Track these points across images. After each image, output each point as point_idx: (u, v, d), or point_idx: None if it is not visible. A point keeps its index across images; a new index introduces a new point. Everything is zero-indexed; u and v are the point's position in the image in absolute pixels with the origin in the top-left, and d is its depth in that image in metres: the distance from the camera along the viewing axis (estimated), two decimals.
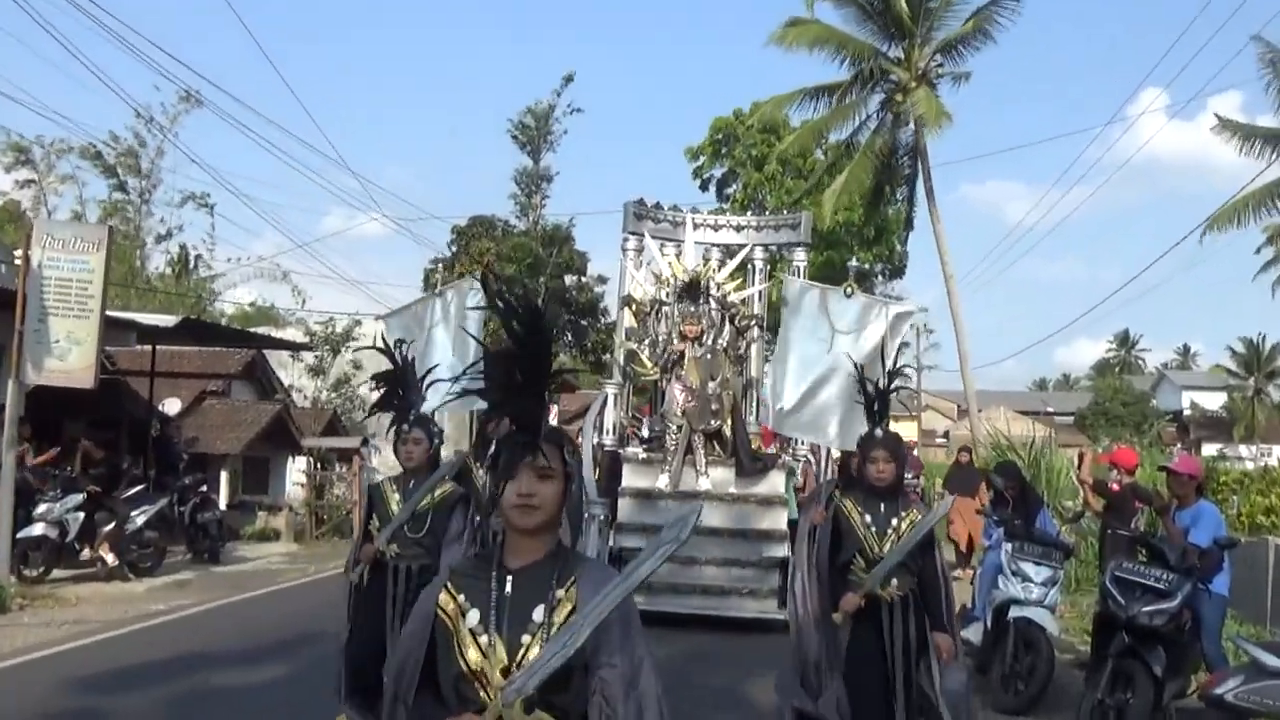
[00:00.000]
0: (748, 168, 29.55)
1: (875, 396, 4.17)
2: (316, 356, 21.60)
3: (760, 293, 9.06)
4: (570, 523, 3.64)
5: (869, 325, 6.77)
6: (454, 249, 28.57)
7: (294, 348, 19.40)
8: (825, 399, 6.46)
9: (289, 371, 21.56)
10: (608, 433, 8.58)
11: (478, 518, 4.23)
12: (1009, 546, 6.34)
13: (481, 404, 1.83)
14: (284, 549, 14.71)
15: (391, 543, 4.21)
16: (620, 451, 8.46)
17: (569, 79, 32.15)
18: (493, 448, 1.84)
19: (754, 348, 8.74)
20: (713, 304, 8.37)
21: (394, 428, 4.38)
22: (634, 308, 8.54)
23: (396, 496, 4.33)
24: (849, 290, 6.95)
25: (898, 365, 4.57)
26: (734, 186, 30.61)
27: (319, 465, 16.71)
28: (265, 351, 18.81)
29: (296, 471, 17.29)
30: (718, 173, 31.35)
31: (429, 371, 4.57)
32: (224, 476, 16.45)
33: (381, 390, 4.39)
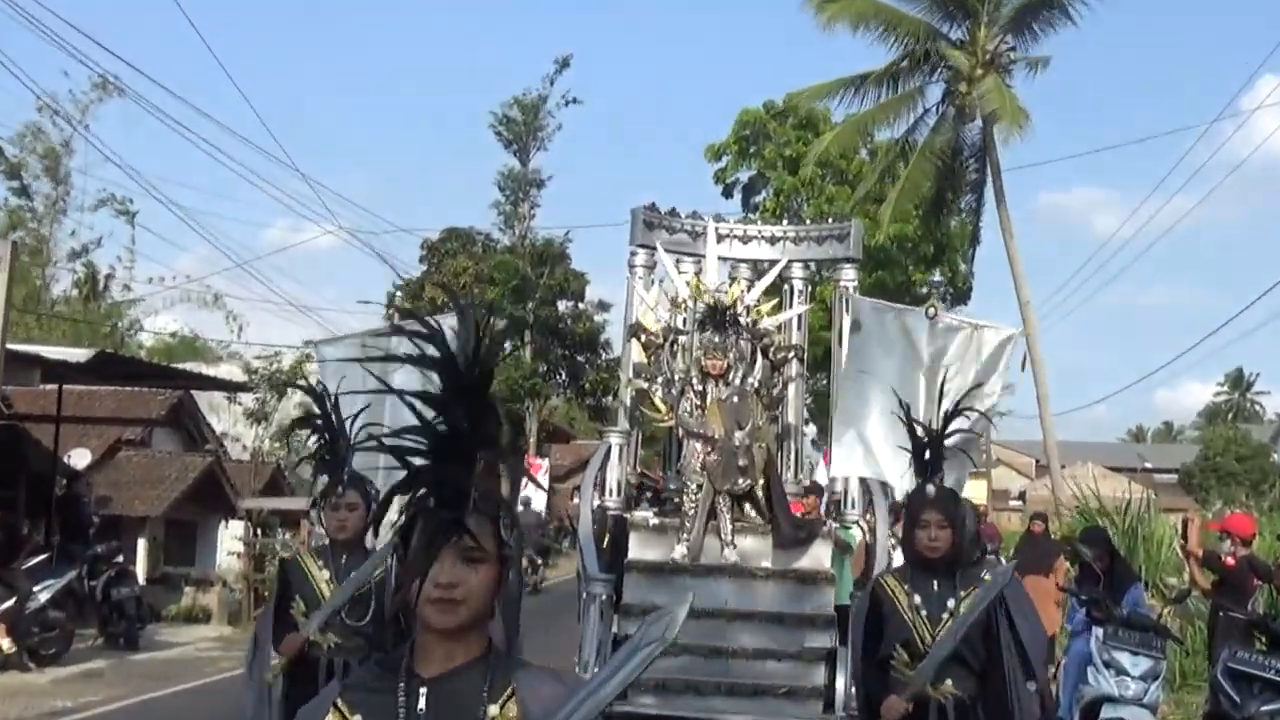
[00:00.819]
0: (780, 170, 29.65)
1: (926, 441, 4.10)
2: (256, 399, 21.69)
3: (799, 318, 9.05)
4: (505, 622, 3.56)
5: (963, 354, 6.83)
6: (424, 268, 28.84)
7: (229, 388, 19.43)
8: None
9: (223, 417, 21.69)
10: (611, 493, 8.53)
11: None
12: (1099, 632, 6.34)
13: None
14: (215, 632, 14.67)
15: (326, 631, 4.11)
16: (627, 516, 8.41)
17: (564, 63, 30.91)
18: (400, 518, 1.75)
19: (792, 387, 8.77)
20: (741, 333, 8.37)
21: (323, 492, 4.31)
22: (644, 338, 8.49)
23: (325, 574, 4.31)
24: (932, 311, 7.00)
25: (979, 403, 4.45)
26: (763, 193, 30.71)
27: (258, 531, 16.68)
28: (194, 393, 18.81)
29: (231, 539, 17.22)
30: (744, 176, 31.46)
31: (356, 416, 4.40)
32: (143, 544, 16.43)
33: (313, 441, 4.30)
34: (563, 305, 30.90)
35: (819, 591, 8.02)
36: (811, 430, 9.99)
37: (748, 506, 8.15)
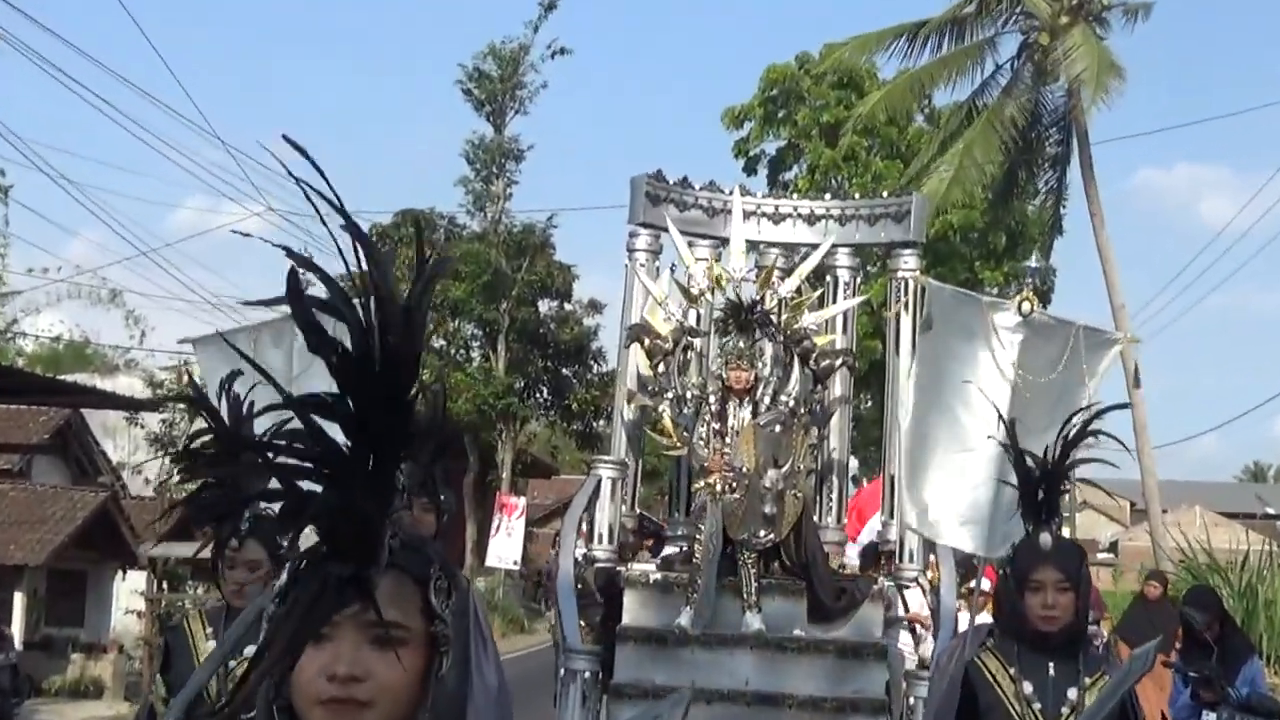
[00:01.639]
0: (815, 141, 29.62)
1: (1041, 477, 4.02)
2: (163, 420, 21.55)
3: (845, 317, 9.06)
4: None
5: (1064, 362, 6.83)
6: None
7: (128, 406, 19.33)
8: (981, 481, 6.49)
9: (120, 441, 21.59)
10: (600, 539, 8.52)
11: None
12: (1210, 719, 6.33)
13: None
14: (110, 711, 14.74)
15: None
16: (620, 570, 8.40)
17: (550, 4, 30.48)
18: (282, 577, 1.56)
19: (840, 412, 8.73)
20: (773, 335, 8.40)
21: (214, 544, 4.15)
22: (648, 343, 8.45)
23: (209, 645, 4.31)
24: (1025, 305, 6.94)
25: (1086, 426, 4.31)
26: (794, 169, 30.67)
27: (164, 585, 16.63)
28: (84, 412, 18.77)
29: (130, 593, 17.16)
30: (771, 148, 31.45)
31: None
32: (20, 600, 16.42)
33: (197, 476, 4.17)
34: (545, 306, 30.93)
35: (867, 669, 8.02)
36: (853, 465, 10.07)
37: (775, 563, 8.18)
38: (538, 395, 31.43)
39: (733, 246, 8.74)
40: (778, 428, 7.99)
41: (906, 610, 9.81)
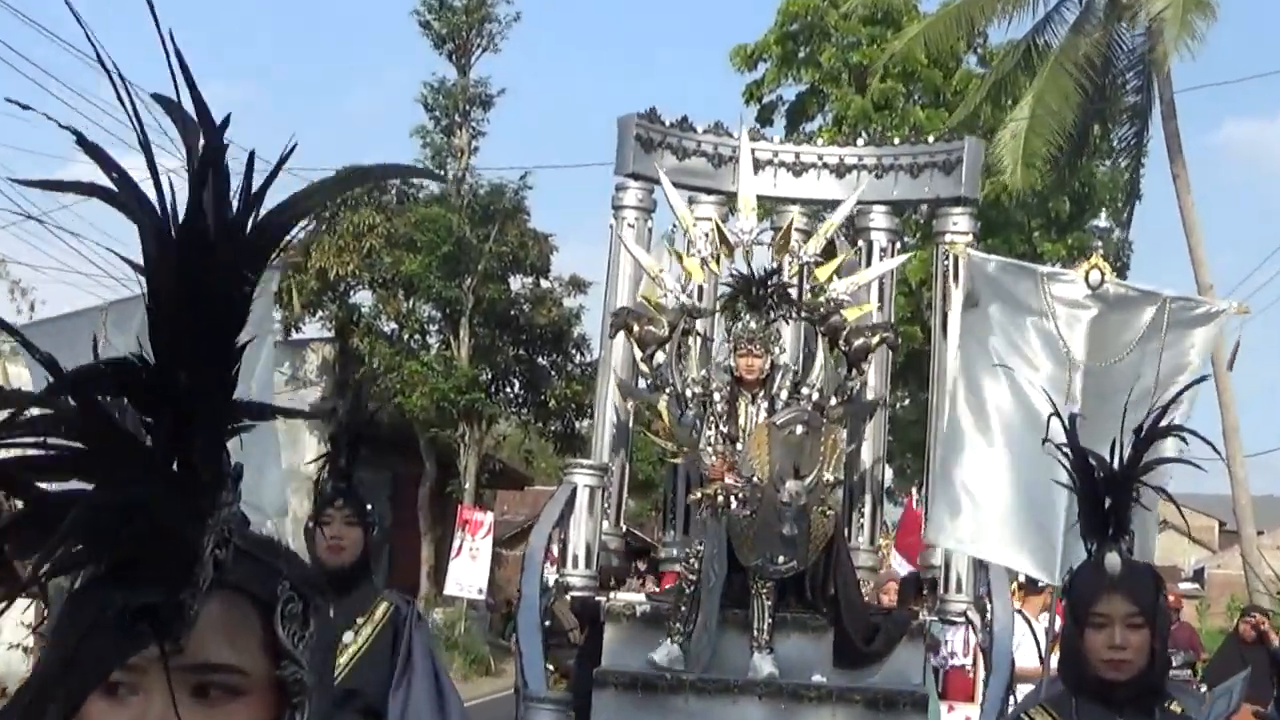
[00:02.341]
0: (843, 85, 29.44)
1: (1107, 483, 3.86)
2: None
3: (881, 287, 9.11)
4: None
5: (1146, 340, 6.90)
6: (310, 226, 28.66)
7: (11, 401, 19.03)
8: (1043, 489, 6.38)
9: None
10: (575, 562, 8.50)
11: None
12: None
13: None
14: None
15: None
16: (604, 601, 8.41)
17: None
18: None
19: (879, 414, 8.99)
20: (792, 311, 8.51)
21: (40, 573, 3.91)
22: (638, 329, 8.44)
23: None
24: (1097, 275, 7.01)
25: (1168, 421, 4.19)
26: (818, 119, 30.45)
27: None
28: None
29: (15, 626, 16.84)
30: (790, 94, 31.25)
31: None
32: None
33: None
34: (517, 283, 30.51)
35: None
36: (886, 475, 10.08)
37: (796, 595, 8.22)
38: (508, 390, 31.04)
39: (742, 201, 8.72)
40: (799, 428, 7.93)
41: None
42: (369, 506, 5.50)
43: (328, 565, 5.34)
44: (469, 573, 24.78)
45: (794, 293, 8.50)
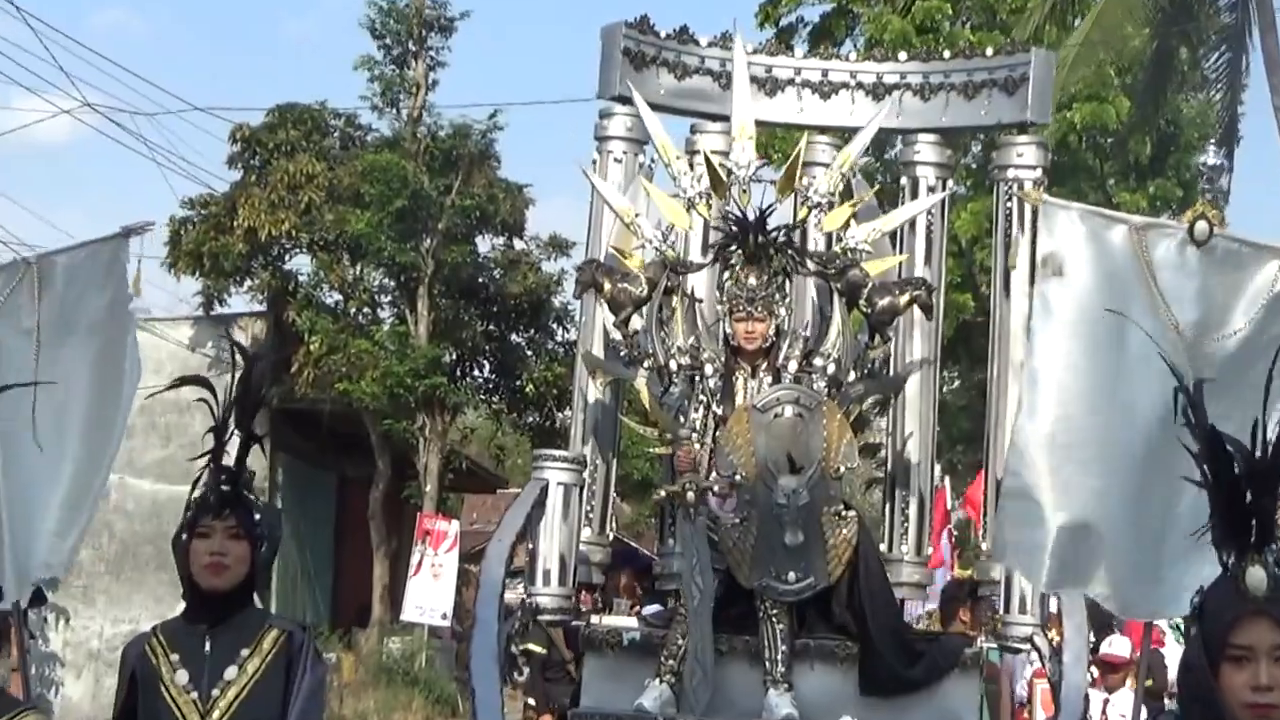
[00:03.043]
0: (876, 3, 29.26)
1: (1253, 476, 3.69)
2: None
3: (928, 231, 9.07)
4: None
5: (1261, 305, 6.84)
6: (241, 172, 28.83)
7: None
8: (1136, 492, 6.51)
9: None
10: (546, 578, 8.43)
11: None
12: None
13: None
14: None
15: None
16: (586, 628, 8.49)
17: None
18: None
19: (916, 377, 8.87)
20: (802, 264, 8.42)
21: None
22: (608, 289, 8.38)
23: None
24: (1201, 224, 6.90)
25: None
26: (847, 44, 30.22)
27: None
28: None
29: None
30: (813, 14, 31.09)
31: None
32: None
33: None
34: (486, 244, 30.65)
35: None
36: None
37: (821, 615, 8.20)
38: (476, 373, 31.16)
39: (736, 126, 8.67)
40: (787, 410, 7.93)
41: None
42: (257, 516, 5.49)
43: (205, 588, 5.37)
44: (431, 594, 24.76)
45: (809, 244, 8.61)
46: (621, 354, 8.52)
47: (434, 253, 28.47)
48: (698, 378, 8.24)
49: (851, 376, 8.23)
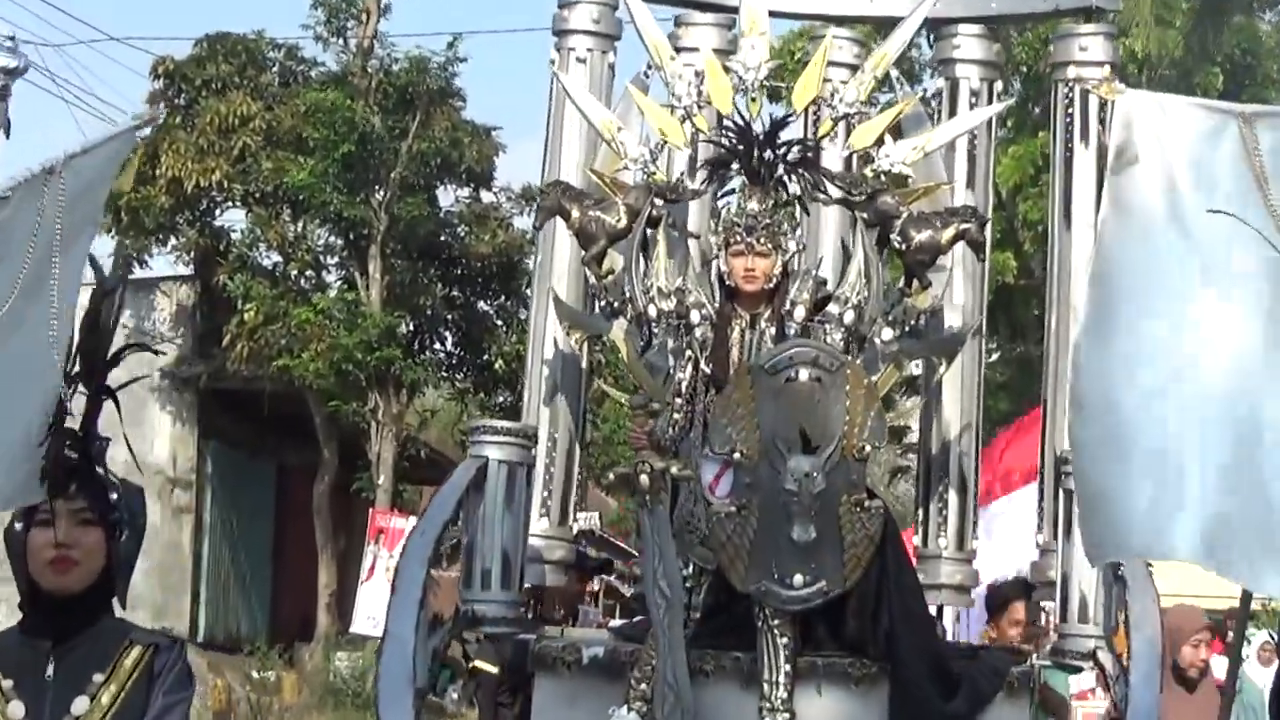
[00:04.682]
0: None
1: None
2: None
3: (973, 152, 8.88)
4: None
5: None
6: (165, 112, 28.61)
7: None
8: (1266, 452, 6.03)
9: None
10: (486, 582, 8.14)
11: None
12: None
13: None
14: None
15: None
16: (537, 642, 8.13)
17: None
18: None
19: (970, 341, 8.76)
20: (819, 186, 8.15)
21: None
22: (576, 218, 8.18)
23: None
24: None
25: None
26: None
27: None
28: None
29: None
30: None
31: None
32: None
33: None
34: (448, 196, 30.74)
35: None
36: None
37: (823, 625, 7.94)
38: (436, 346, 31.29)
39: (745, 19, 8.42)
40: (802, 371, 7.48)
41: None
42: (114, 497, 5.10)
43: (49, 590, 4.96)
44: (385, 602, 24.31)
45: (828, 161, 8.37)
46: (600, 303, 8.36)
47: (388, 206, 28.57)
48: (685, 328, 7.98)
49: (887, 333, 7.92)
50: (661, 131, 8.23)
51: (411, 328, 30.02)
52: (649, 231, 8.14)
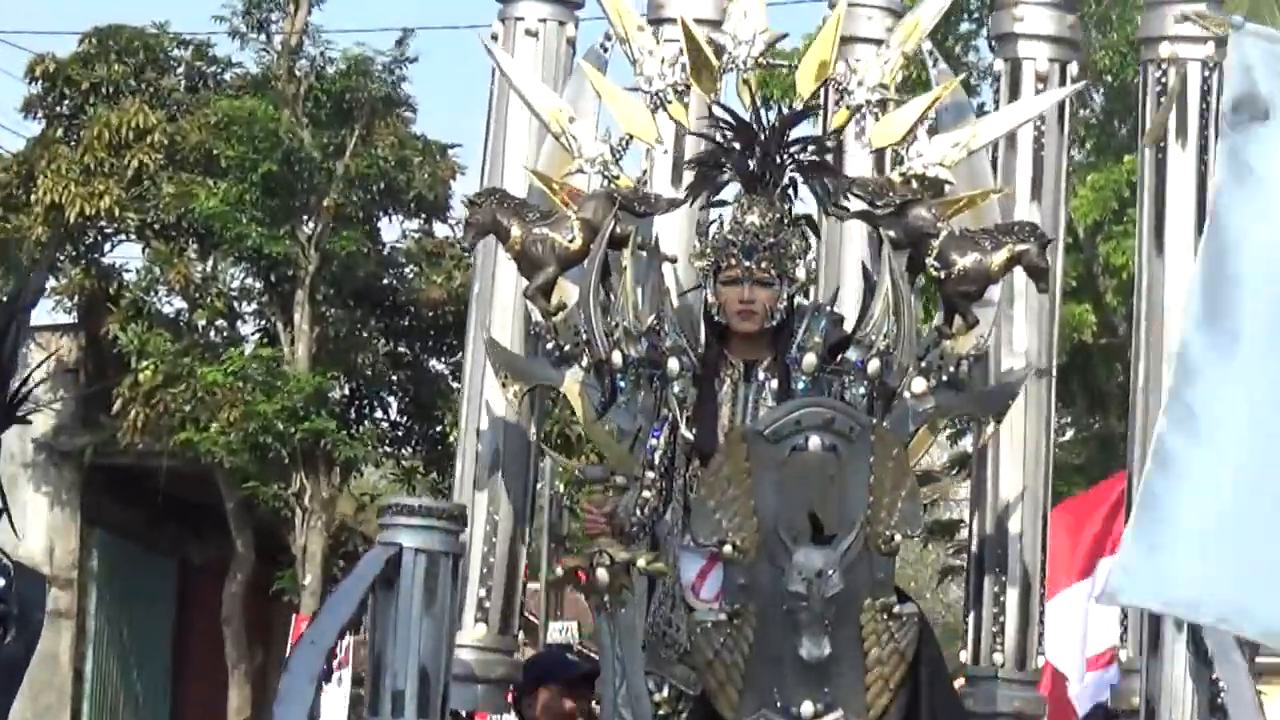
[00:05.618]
0: None
1: None
2: None
3: (1041, 152, 8.80)
4: None
5: None
6: (44, 123, 29.13)
7: None
8: None
9: None
10: (399, 706, 7.88)
11: None
12: None
13: None
14: None
15: None
16: None
17: None
18: None
19: (1038, 391, 8.70)
20: (830, 195, 8.04)
21: None
22: (518, 232, 8.03)
23: None
24: None
25: None
26: None
27: None
28: None
29: None
30: None
31: None
32: None
33: None
34: (393, 229, 30.92)
35: None
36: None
37: None
38: (377, 414, 31.39)
39: None
40: (813, 440, 7.21)
41: None
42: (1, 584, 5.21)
43: None
44: None
45: (847, 163, 8.28)
46: (548, 345, 8.06)
47: (318, 241, 28.51)
48: (660, 379, 7.75)
49: (920, 385, 7.72)
50: (626, 123, 8.04)
51: (347, 392, 30.17)
52: (612, 254, 7.87)
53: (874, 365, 7.60)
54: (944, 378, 7.83)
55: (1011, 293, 8.33)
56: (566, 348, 7.92)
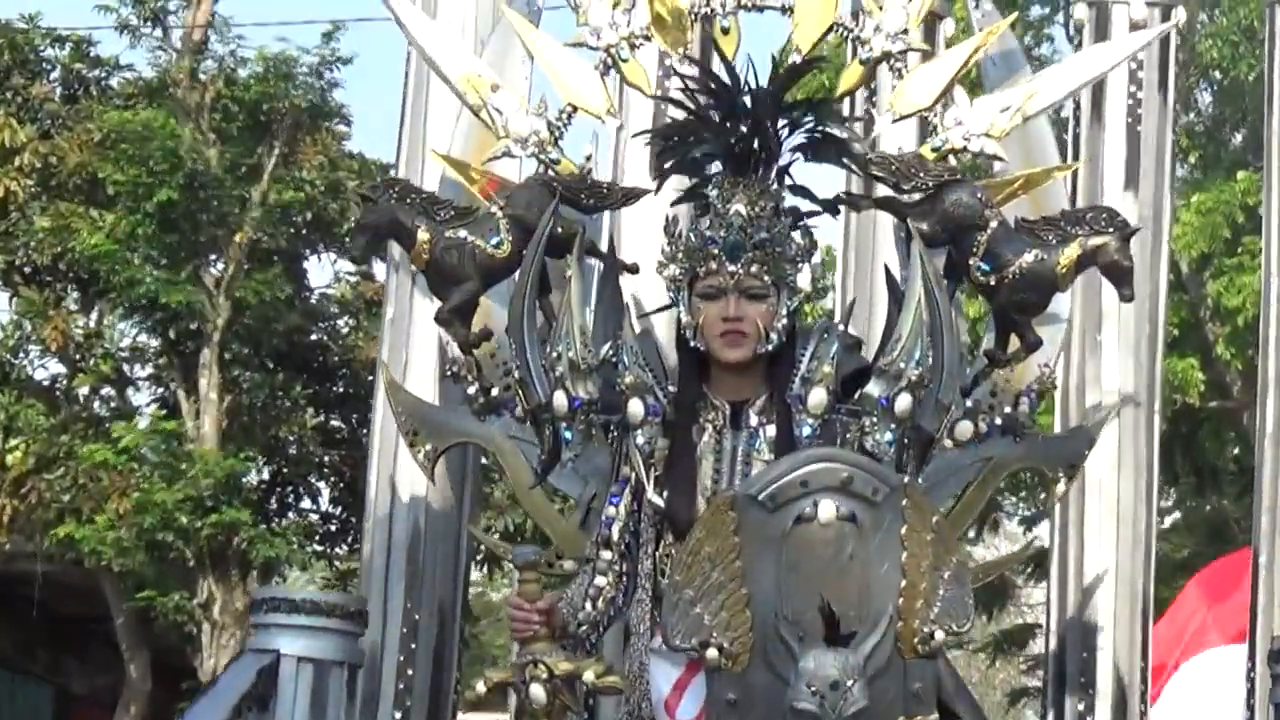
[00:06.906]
0: None
1: None
2: None
3: (1135, 113, 8.95)
4: None
5: None
6: None
7: None
8: None
9: None
10: None
11: None
12: None
13: None
14: None
15: None
16: None
17: None
18: None
19: (1109, 449, 8.76)
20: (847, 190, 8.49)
21: None
22: (427, 235, 8.14)
23: None
24: None
25: None
26: None
27: None
28: None
29: None
30: None
31: None
32: None
33: None
34: (323, 271, 31.55)
35: None
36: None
37: None
38: (304, 502, 31.32)
39: None
40: (826, 506, 6.95)
41: None
42: None
43: None
44: None
45: (861, 136, 8.32)
46: (469, 389, 8.13)
47: (229, 287, 28.37)
48: (614, 429, 7.58)
49: (966, 428, 7.65)
50: (566, 91, 7.93)
51: (266, 476, 30.24)
52: (551, 263, 7.80)
53: (903, 403, 7.28)
54: (997, 420, 7.62)
55: (1100, 311, 8.08)
56: (493, 391, 7.89)
